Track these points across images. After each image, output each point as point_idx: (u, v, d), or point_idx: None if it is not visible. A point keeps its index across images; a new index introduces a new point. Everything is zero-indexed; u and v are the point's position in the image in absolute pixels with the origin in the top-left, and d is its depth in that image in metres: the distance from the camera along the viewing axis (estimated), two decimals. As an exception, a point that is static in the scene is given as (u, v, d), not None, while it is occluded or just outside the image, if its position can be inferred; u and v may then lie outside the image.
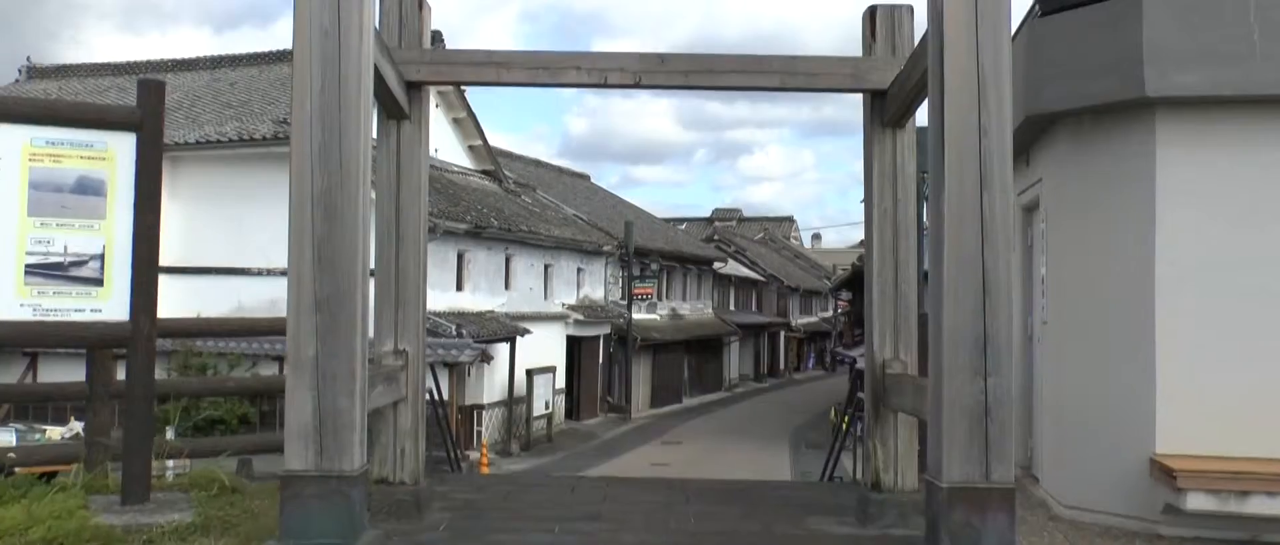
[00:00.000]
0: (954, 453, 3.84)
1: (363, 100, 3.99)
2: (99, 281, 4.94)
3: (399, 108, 5.16)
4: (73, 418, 14.79)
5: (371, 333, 4.42)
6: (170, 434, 8.28)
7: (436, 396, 7.70)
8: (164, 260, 5.38)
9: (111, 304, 4.92)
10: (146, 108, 5.08)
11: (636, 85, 5.14)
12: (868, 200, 5.36)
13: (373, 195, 5.37)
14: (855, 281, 31.71)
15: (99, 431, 5.66)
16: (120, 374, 5.40)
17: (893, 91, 5.10)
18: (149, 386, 5.06)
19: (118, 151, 5.01)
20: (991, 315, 3.89)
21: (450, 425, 19.31)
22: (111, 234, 4.96)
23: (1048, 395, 4.56)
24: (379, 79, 4.76)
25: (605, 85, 5.11)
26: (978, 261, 3.90)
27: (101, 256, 4.92)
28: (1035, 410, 6.69)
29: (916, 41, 5.04)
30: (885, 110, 5.23)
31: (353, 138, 3.98)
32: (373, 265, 5.28)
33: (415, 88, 5.26)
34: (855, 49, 5.30)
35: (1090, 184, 5.36)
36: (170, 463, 6.42)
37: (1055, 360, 5.16)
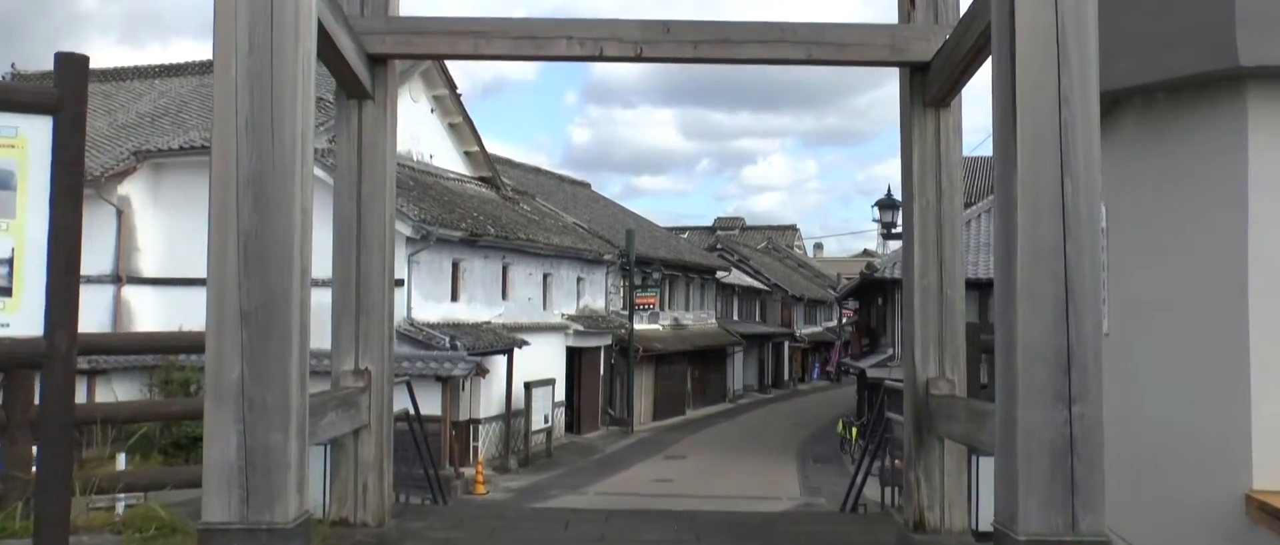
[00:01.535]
0: (1031, 498, 3.09)
1: (302, 62, 3.26)
2: (6, 290, 4.20)
3: (360, 85, 4.43)
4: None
5: (312, 347, 3.67)
6: (122, 462, 7.50)
7: (414, 416, 6.93)
8: (146, 271, 4.69)
9: (20, 317, 4.16)
10: (66, 87, 4.32)
11: (637, 58, 4.41)
12: (906, 191, 4.62)
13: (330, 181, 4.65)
14: (863, 290, 30.95)
15: (18, 464, 4.91)
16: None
17: (936, 64, 4.37)
18: (68, 412, 4.29)
19: (30, 138, 4.24)
20: (1076, 325, 3.14)
21: (443, 443, 18.58)
22: (22, 235, 4.19)
23: (1112, 420, 3.80)
24: (335, 52, 4.05)
25: (600, 58, 4.39)
26: (1058, 258, 3.15)
27: (9, 261, 4.17)
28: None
29: (964, 7, 4.32)
30: (927, 87, 4.50)
31: (289, 110, 3.24)
32: (330, 270, 4.59)
33: (379, 62, 4.53)
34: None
35: (1164, 173, 4.60)
36: (122, 496, 5.69)
37: (1121, 379, 4.41)
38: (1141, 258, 4.75)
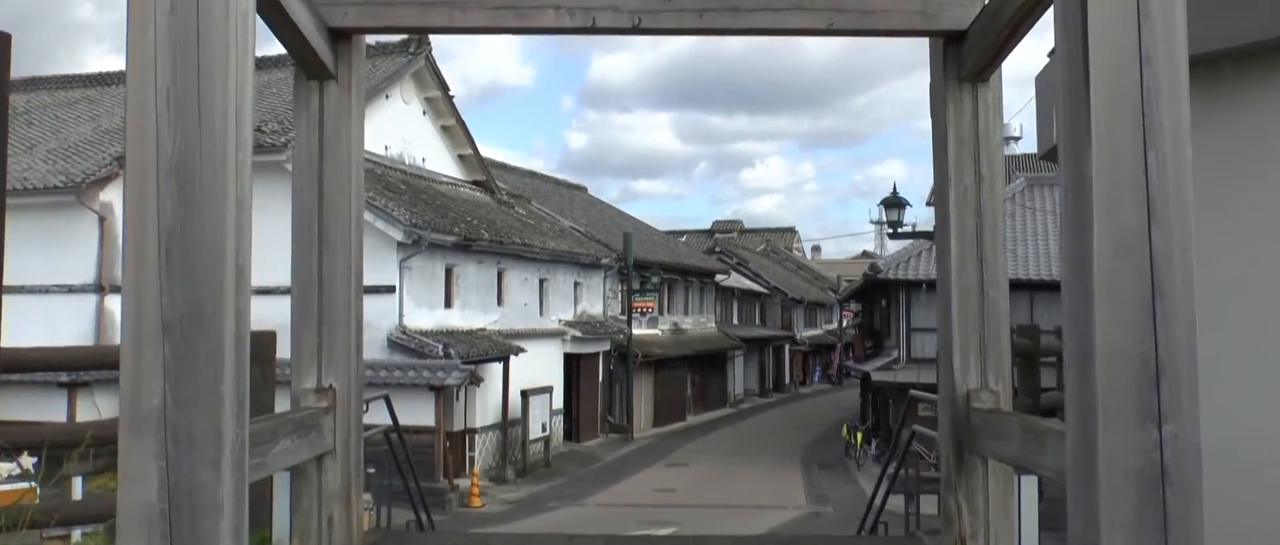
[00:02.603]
0: (1115, 535, 2.57)
1: (235, 24, 2.73)
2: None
3: (320, 64, 3.90)
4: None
5: (253, 366, 3.14)
6: (78, 489, 6.95)
7: (393, 428, 6.38)
8: (119, 277, 4.14)
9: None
10: (-18, 66, 3.83)
11: (635, 30, 3.88)
12: (940, 177, 4.10)
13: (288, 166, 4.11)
14: (865, 291, 30.43)
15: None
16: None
17: (974, 32, 3.85)
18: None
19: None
20: (1165, 329, 2.61)
21: (437, 455, 18.04)
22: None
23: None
24: (290, 25, 3.52)
25: (592, 30, 3.86)
26: (1143, 248, 2.63)
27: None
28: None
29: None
30: (963, 59, 3.97)
31: (220, 82, 2.70)
32: (290, 275, 4.06)
33: (343, 37, 4.00)
34: (853, 64, 4.01)
35: (1234, 153, 4.08)
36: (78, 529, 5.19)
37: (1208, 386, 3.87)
38: (1209, 246, 4.22)
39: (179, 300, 2.64)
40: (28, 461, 12.45)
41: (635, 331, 30.15)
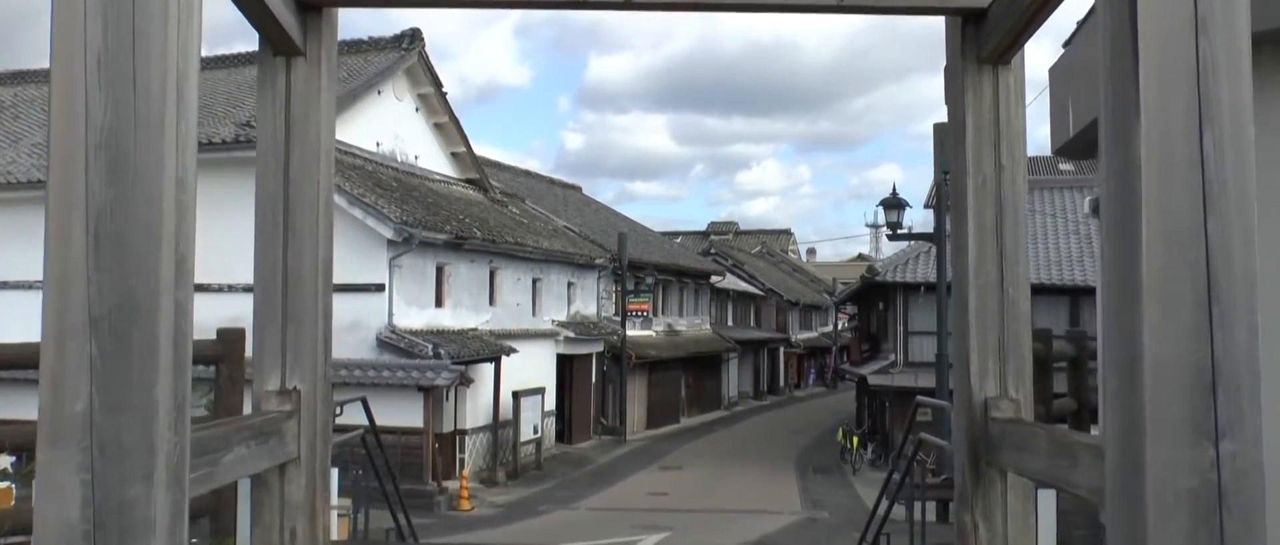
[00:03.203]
0: (1165, 565, 2.26)
1: (173, -17, 2.41)
2: None
3: (287, 39, 3.59)
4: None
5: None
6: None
7: (371, 429, 6.07)
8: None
9: None
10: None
11: (627, 6, 3.58)
12: (957, 168, 3.79)
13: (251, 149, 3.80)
14: (862, 294, 30.15)
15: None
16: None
17: (996, 9, 3.55)
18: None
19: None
20: (1223, 334, 2.32)
21: (426, 457, 17.71)
22: None
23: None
24: (254, -6, 3.22)
25: (582, 5, 3.56)
26: (1198, 241, 2.33)
27: None
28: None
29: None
30: (983, 39, 3.67)
31: (158, 44, 2.39)
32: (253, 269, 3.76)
33: (313, 10, 3.70)
34: (850, 67, 3.72)
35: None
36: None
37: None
38: (1275, 240, 3.93)
39: (108, 291, 2.33)
40: (5, 461, 12.06)
41: (629, 333, 29.86)
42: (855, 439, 25.41)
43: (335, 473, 7.15)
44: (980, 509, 3.62)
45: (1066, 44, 6.26)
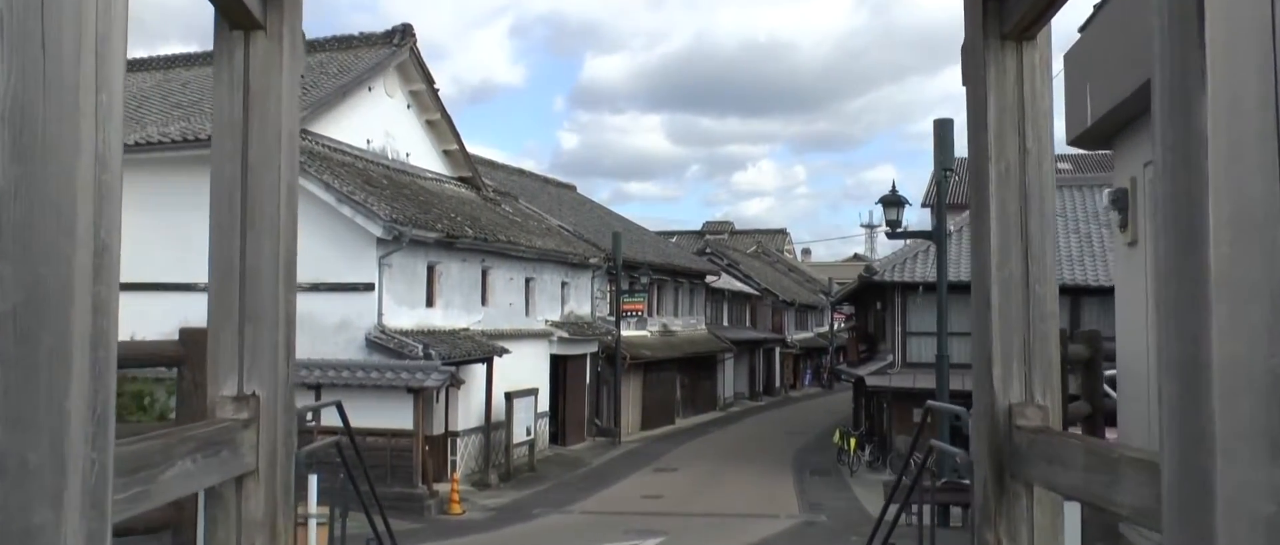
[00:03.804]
0: (1237, 602, 1.95)
1: (90, -71, 2.09)
2: None
3: (245, 11, 3.28)
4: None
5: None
6: None
7: (345, 431, 5.73)
8: None
9: None
10: None
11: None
12: (976, 152, 3.49)
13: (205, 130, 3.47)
14: (860, 294, 29.86)
15: None
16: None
17: (1022, -20, 3.25)
18: None
19: None
20: (1302, 334, 2.00)
21: (415, 459, 17.37)
22: None
23: None
24: (206, -40, 2.90)
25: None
26: (1274, 225, 2.02)
27: None
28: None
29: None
30: (1006, 13, 3.37)
31: (71, 1, 2.07)
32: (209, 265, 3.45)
33: (272, -19, 3.37)
34: (847, 68, 3.42)
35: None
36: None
37: None
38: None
39: (12, 285, 2.01)
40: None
41: (624, 333, 29.54)
42: (853, 440, 25.10)
43: (314, 480, 6.82)
44: (1004, 526, 3.31)
45: (1083, 28, 5.98)
